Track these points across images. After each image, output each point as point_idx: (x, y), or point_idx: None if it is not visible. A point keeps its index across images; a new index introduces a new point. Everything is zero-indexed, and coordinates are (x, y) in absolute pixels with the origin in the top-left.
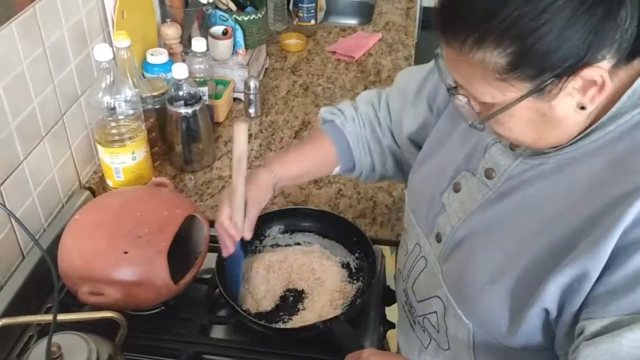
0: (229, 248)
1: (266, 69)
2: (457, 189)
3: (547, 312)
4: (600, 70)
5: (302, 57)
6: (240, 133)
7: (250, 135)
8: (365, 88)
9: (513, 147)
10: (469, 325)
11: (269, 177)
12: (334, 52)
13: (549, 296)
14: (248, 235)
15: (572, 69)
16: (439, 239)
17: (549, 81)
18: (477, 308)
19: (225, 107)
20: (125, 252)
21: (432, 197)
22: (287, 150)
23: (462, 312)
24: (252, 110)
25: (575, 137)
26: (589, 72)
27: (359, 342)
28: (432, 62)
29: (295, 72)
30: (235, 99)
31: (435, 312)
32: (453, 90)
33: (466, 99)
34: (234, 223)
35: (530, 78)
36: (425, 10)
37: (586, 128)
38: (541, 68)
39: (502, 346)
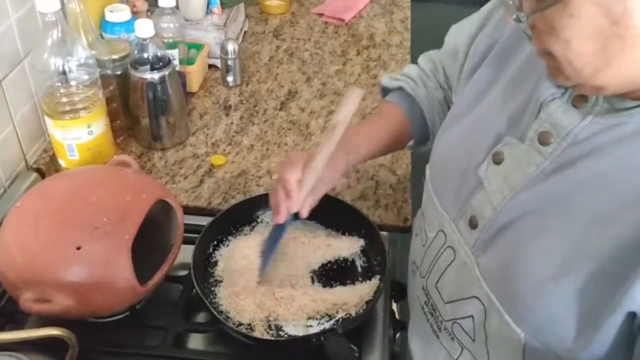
0: (282, 214)
1: (245, 32)
2: (498, 160)
3: (634, 316)
4: None
5: (285, 20)
6: (351, 99)
7: (229, 107)
8: (358, 53)
9: (577, 103)
10: (520, 335)
11: (342, 159)
12: (320, 15)
13: (638, 296)
14: (305, 213)
15: None
16: (473, 224)
17: None
18: (534, 313)
19: (199, 74)
20: (78, 248)
21: (463, 171)
22: (357, 129)
23: (510, 318)
24: (230, 79)
25: None
26: None
27: None
28: (482, 12)
29: (278, 36)
30: (210, 66)
31: (471, 316)
32: None
33: None
34: (302, 189)
35: None
36: None
37: None
38: None
39: None
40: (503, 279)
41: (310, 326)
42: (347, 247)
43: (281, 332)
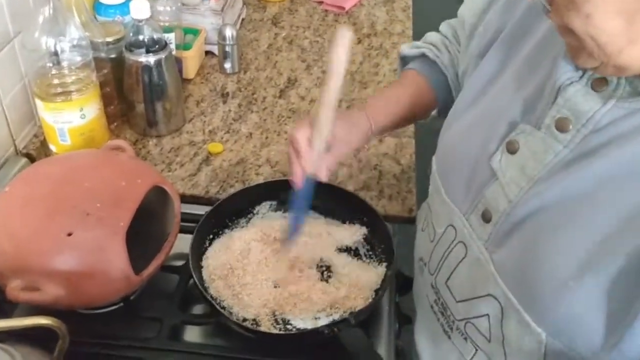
0: (297, 174)
1: (243, 19)
2: (512, 150)
3: None
4: None
5: (283, 7)
6: (341, 39)
7: (227, 94)
8: (359, 42)
9: (597, 87)
10: (541, 335)
11: (365, 122)
12: (320, 2)
13: None
14: (323, 175)
15: None
16: (487, 217)
17: None
18: (556, 313)
19: (195, 60)
20: (69, 234)
21: (474, 162)
22: (375, 96)
23: (530, 318)
24: (228, 66)
25: None
26: None
27: (374, 351)
28: None
29: (276, 23)
30: (207, 53)
31: (487, 315)
32: None
33: None
34: (312, 147)
35: None
36: None
37: None
38: None
39: None
40: (521, 276)
41: (318, 318)
42: (350, 235)
43: (289, 326)
